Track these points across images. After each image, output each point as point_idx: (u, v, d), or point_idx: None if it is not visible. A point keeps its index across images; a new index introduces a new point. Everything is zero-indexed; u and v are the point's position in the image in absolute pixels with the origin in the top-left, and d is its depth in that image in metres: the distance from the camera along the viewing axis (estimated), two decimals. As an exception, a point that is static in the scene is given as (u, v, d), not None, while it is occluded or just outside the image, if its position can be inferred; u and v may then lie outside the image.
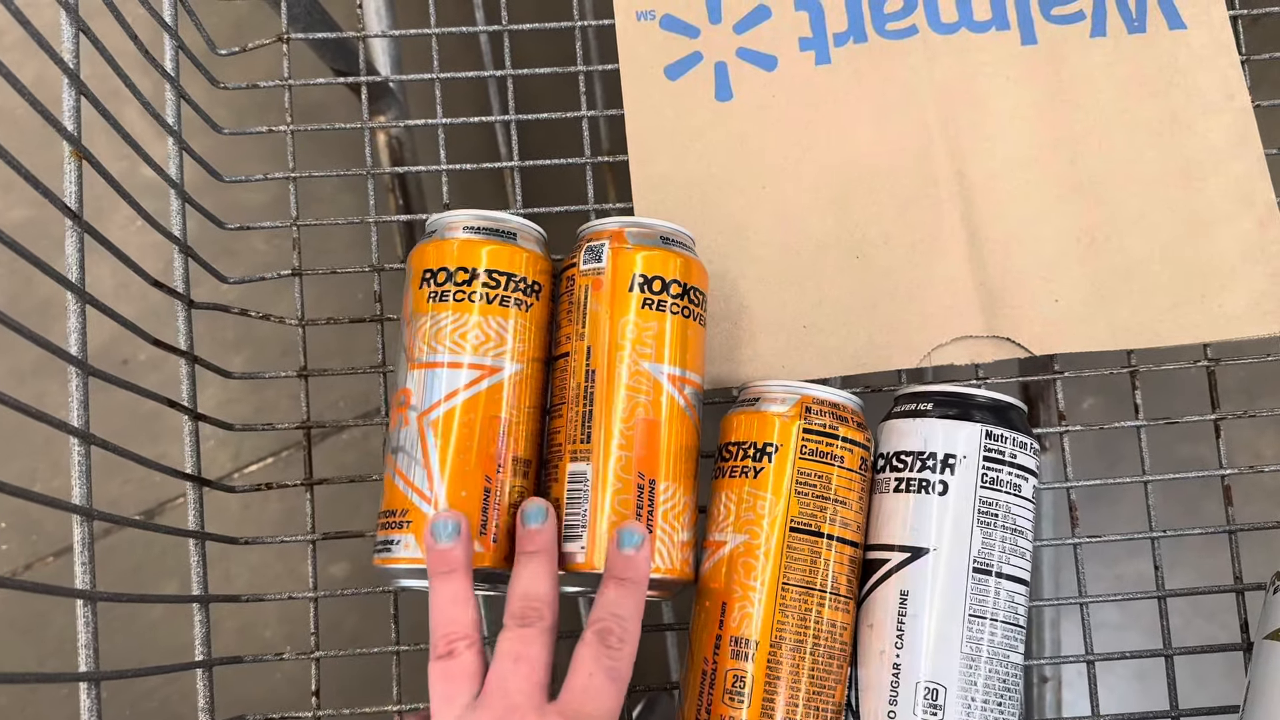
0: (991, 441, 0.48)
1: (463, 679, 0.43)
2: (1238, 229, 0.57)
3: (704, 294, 0.51)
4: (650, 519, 0.47)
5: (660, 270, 0.49)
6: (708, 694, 0.47)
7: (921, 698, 0.46)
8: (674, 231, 0.50)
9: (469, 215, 0.50)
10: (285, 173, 0.62)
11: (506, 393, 0.48)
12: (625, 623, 0.44)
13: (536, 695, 0.42)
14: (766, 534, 0.47)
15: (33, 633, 1.10)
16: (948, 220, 0.58)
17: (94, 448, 0.46)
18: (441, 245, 0.49)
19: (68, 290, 0.46)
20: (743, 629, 0.47)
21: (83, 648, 0.44)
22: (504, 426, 0.48)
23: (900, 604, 0.47)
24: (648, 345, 0.48)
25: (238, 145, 0.70)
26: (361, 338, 0.85)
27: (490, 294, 0.48)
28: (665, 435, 0.48)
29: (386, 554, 0.48)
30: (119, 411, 1.08)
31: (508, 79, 0.64)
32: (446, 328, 0.48)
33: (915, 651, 0.47)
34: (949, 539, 0.47)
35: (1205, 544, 1.03)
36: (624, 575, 0.45)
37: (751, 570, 0.47)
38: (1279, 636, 0.47)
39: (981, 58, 0.60)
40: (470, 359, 0.48)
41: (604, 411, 0.48)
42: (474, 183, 1.06)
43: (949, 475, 0.48)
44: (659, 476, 0.47)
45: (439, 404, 0.47)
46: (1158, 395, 0.59)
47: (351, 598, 0.59)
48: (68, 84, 0.49)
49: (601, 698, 0.43)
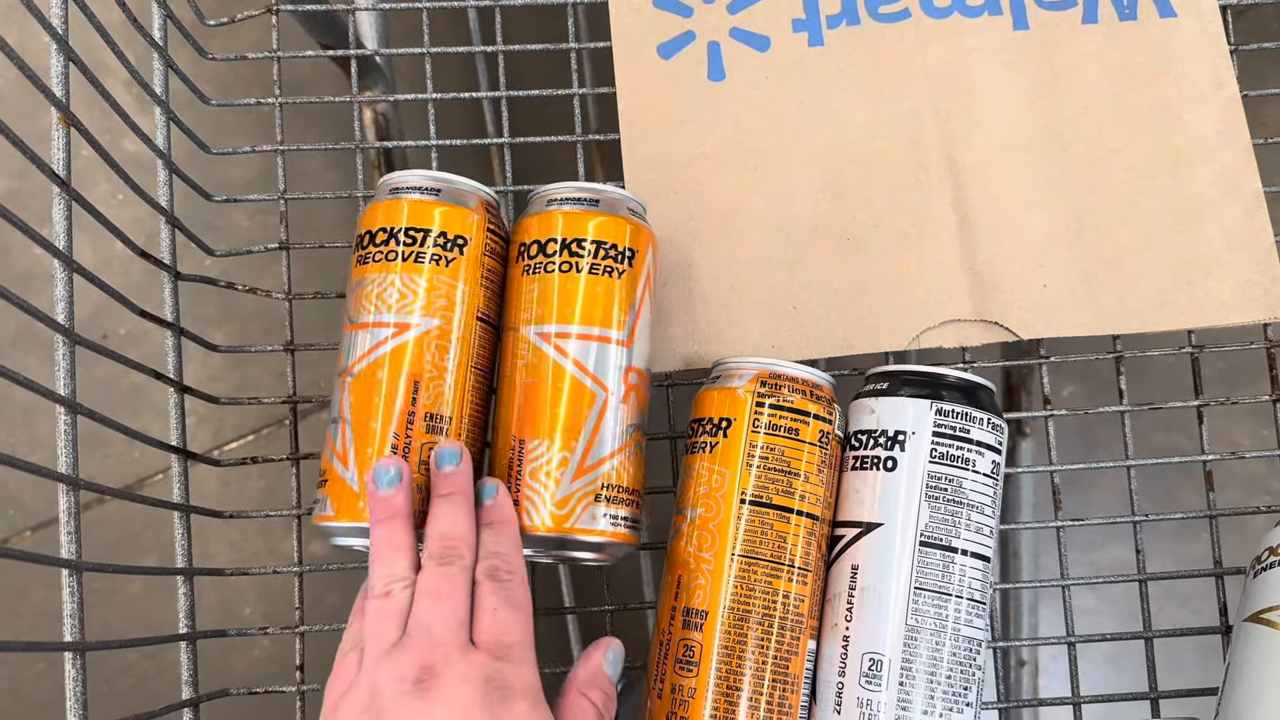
0: (942, 418, 0.48)
1: (395, 616, 0.43)
2: (1225, 217, 0.58)
3: (605, 244, 0.49)
4: (518, 478, 0.47)
5: (536, 234, 0.49)
6: (663, 663, 0.48)
7: (865, 668, 0.47)
8: (568, 190, 0.50)
9: (397, 176, 0.50)
10: (273, 146, 0.61)
11: (421, 349, 0.48)
12: (506, 556, 0.45)
13: (460, 633, 0.43)
14: (720, 507, 0.48)
15: (11, 606, 1.09)
16: (938, 204, 0.58)
17: (79, 419, 0.45)
18: (372, 208, 0.50)
19: (55, 258, 0.46)
20: (694, 600, 0.48)
21: (68, 617, 0.43)
22: (415, 382, 0.48)
23: (851, 577, 0.48)
24: (523, 308, 0.49)
25: (222, 120, 0.69)
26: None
27: (407, 251, 0.48)
28: (530, 392, 0.48)
29: (315, 513, 0.49)
30: (99, 386, 1.07)
31: (498, 55, 0.63)
32: (370, 289, 0.48)
33: (862, 623, 0.48)
34: (899, 513, 0.48)
35: (1181, 532, 1.05)
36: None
37: (705, 542, 0.48)
38: (1258, 619, 0.47)
39: (973, 42, 0.60)
40: (388, 317, 0.48)
41: (500, 381, 0.50)
42: (461, 160, 1.05)
43: (898, 451, 0.48)
44: (527, 435, 0.48)
45: (355, 363, 0.48)
46: (1135, 385, 0.59)
47: (333, 574, 0.59)
48: (56, 50, 0.48)
49: (512, 627, 0.43)
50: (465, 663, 0.42)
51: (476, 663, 0.42)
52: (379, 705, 0.41)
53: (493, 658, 0.42)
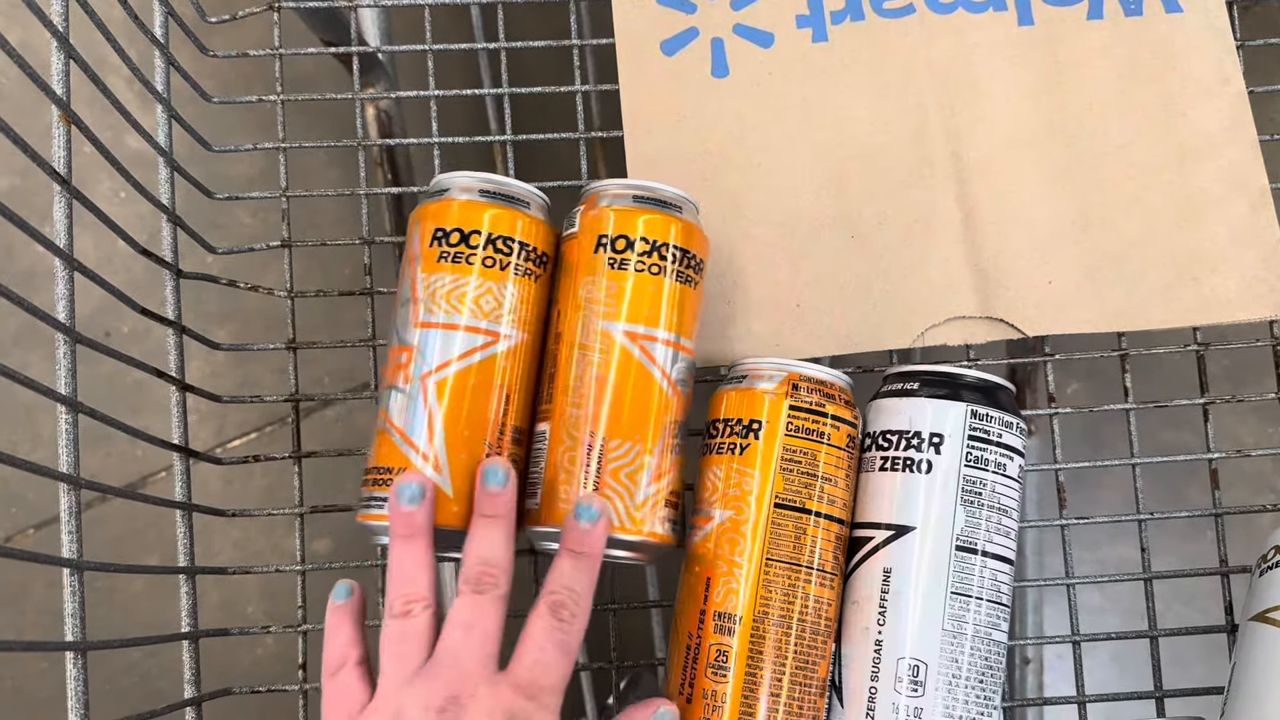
0: (977, 421, 0.48)
1: (417, 640, 0.43)
2: (1231, 213, 0.58)
3: (689, 253, 0.50)
4: (597, 477, 0.47)
5: (625, 229, 0.49)
6: (691, 667, 0.47)
7: (904, 674, 0.46)
8: (651, 190, 0.50)
9: (489, 179, 0.49)
10: (275, 143, 0.61)
11: (514, 361, 0.48)
12: (578, 596, 0.44)
13: (488, 665, 0.42)
14: (752, 510, 0.47)
15: (13, 605, 1.09)
16: (942, 201, 0.58)
17: (80, 417, 0.45)
18: (466, 206, 0.49)
19: (56, 256, 0.46)
20: (727, 604, 0.47)
21: (69, 616, 0.43)
22: (503, 394, 0.48)
23: (884, 581, 0.48)
24: (606, 304, 0.48)
25: (223, 118, 0.69)
26: (347, 314, 0.85)
27: (503, 260, 0.48)
28: (619, 393, 0.47)
29: (378, 509, 0.47)
30: (101, 385, 1.07)
31: (500, 52, 0.63)
32: (470, 292, 0.48)
33: (897, 628, 0.47)
34: (933, 517, 0.47)
35: (1187, 530, 1.04)
36: (579, 549, 0.45)
37: (736, 546, 0.47)
38: (1264, 618, 0.47)
39: (978, 38, 0.60)
40: (485, 324, 0.48)
41: (563, 371, 0.48)
42: (463, 158, 1.05)
43: (934, 454, 0.48)
44: (610, 434, 0.47)
45: (447, 365, 0.47)
46: (1140, 382, 0.59)
47: (336, 572, 0.59)
48: (56, 47, 0.48)
49: (552, 670, 0.43)
50: (492, 698, 0.41)
51: (503, 698, 0.42)
52: None
53: (522, 696, 0.42)
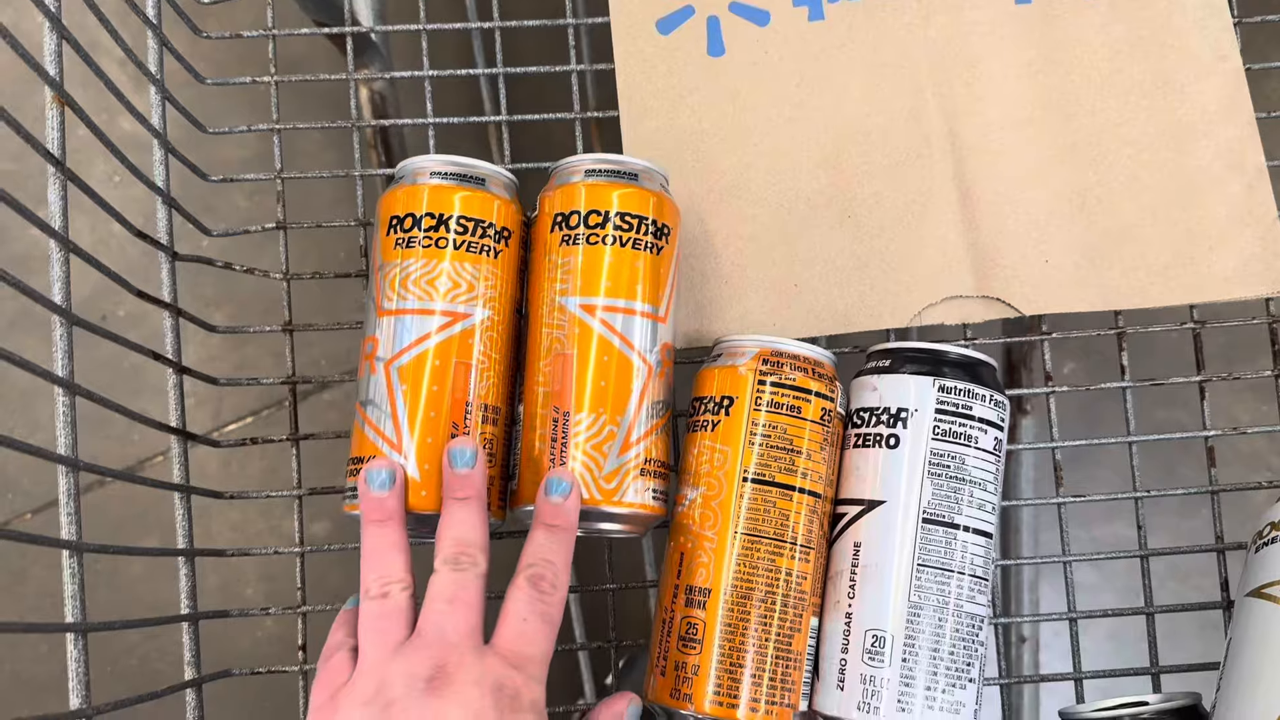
0: (944, 395, 0.48)
1: (397, 618, 0.43)
2: (1228, 192, 0.58)
3: (642, 218, 0.49)
4: (564, 450, 0.47)
5: (573, 204, 0.49)
6: (665, 640, 0.48)
7: (869, 645, 0.47)
8: (602, 161, 0.50)
9: (437, 160, 0.49)
10: (269, 125, 0.61)
11: (477, 339, 0.48)
12: (556, 569, 0.45)
13: (473, 636, 0.43)
14: (723, 485, 0.48)
15: (12, 588, 1.09)
16: (939, 180, 0.58)
17: (78, 401, 0.45)
18: (410, 191, 0.49)
19: (51, 238, 0.46)
20: (697, 577, 0.48)
21: (69, 599, 0.43)
22: (473, 373, 0.48)
23: (854, 555, 0.48)
24: (562, 280, 0.48)
25: (218, 100, 0.69)
26: (343, 297, 0.84)
27: (460, 240, 0.48)
28: (581, 366, 0.47)
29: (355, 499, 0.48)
30: (98, 369, 1.07)
31: (495, 32, 0.63)
32: (416, 274, 0.48)
33: (865, 600, 0.48)
34: (901, 490, 0.48)
35: (1182, 508, 1.05)
36: (553, 521, 0.45)
37: (708, 520, 0.48)
38: (1260, 594, 0.47)
39: (975, 16, 0.60)
40: (441, 305, 0.48)
41: (532, 351, 0.49)
42: (458, 140, 1.05)
43: (900, 428, 0.48)
44: (573, 408, 0.47)
45: (406, 350, 0.47)
46: (1137, 361, 0.59)
47: (334, 554, 0.59)
48: (49, 28, 0.47)
49: (537, 640, 0.43)
50: (480, 666, 0.42)
51: (490, 667, 0.42)
52: (386, 698, 0.41)
53: (508, 665, 0.42)
